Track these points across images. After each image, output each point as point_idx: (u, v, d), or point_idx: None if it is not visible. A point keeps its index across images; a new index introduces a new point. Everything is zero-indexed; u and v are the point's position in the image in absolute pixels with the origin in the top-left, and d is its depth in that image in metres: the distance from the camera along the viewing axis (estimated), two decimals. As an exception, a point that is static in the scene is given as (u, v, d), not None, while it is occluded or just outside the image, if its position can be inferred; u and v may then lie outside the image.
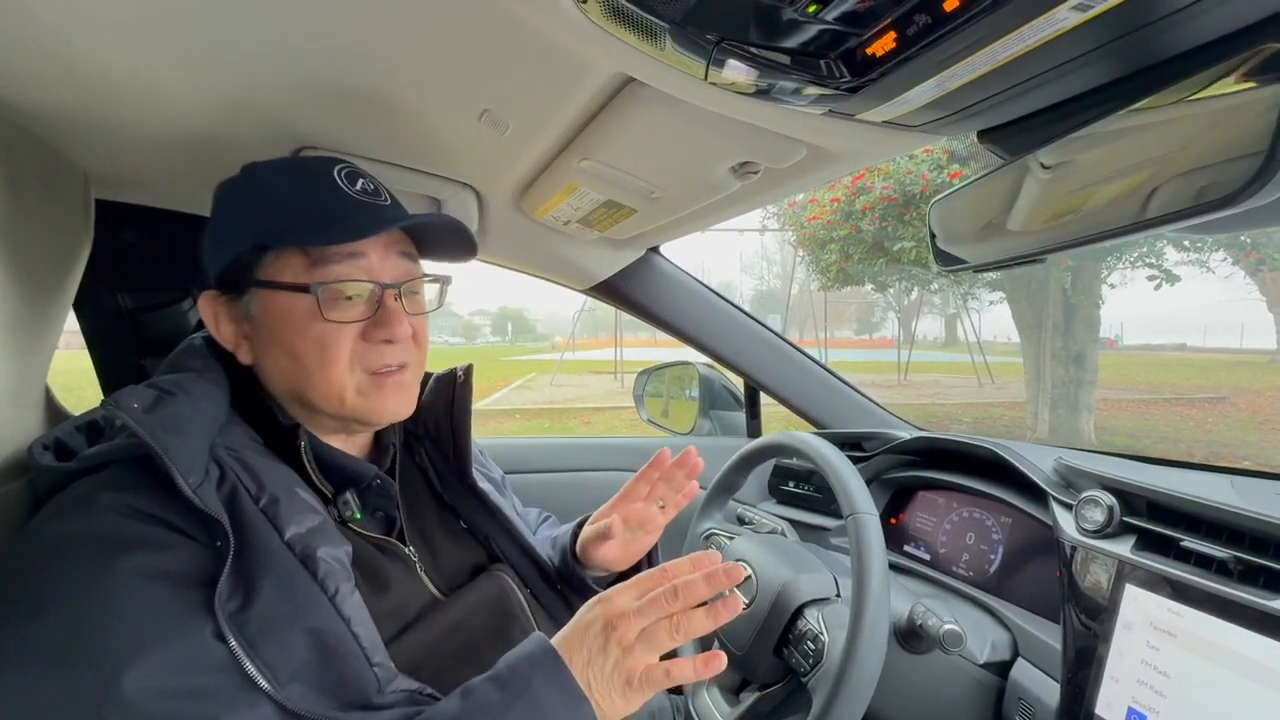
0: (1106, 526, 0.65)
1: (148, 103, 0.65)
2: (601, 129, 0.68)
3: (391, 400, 0.61)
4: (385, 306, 0.59)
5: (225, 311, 0.60)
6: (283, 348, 0.57)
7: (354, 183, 0.59)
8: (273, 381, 0.60)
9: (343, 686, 0.48)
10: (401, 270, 0.61)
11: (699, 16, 0.45)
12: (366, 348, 0.58)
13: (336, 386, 0.58)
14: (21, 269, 0.63)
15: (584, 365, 20.27)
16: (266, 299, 0.57)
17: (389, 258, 0.60)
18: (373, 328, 0.58)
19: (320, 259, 0.56)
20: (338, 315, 0.56)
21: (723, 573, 0.52)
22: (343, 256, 0.57)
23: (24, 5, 0.48)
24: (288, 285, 0.56)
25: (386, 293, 0.59)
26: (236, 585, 0.47)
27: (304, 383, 0.58)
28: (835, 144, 0.66)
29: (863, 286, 9.06)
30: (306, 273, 0.56)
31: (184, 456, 0.48)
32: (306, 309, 0.56)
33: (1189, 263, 7.02)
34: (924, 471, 0.99)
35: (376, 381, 0.59)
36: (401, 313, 0.60)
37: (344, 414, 0.60)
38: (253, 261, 0.57)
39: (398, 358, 0.60)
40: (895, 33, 0.43)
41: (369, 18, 0.53)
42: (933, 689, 0.72)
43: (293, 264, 0.56)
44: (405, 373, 0.62)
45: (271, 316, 0.57)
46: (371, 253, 0.58)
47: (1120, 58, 0.45)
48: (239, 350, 0.60)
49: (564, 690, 0.48)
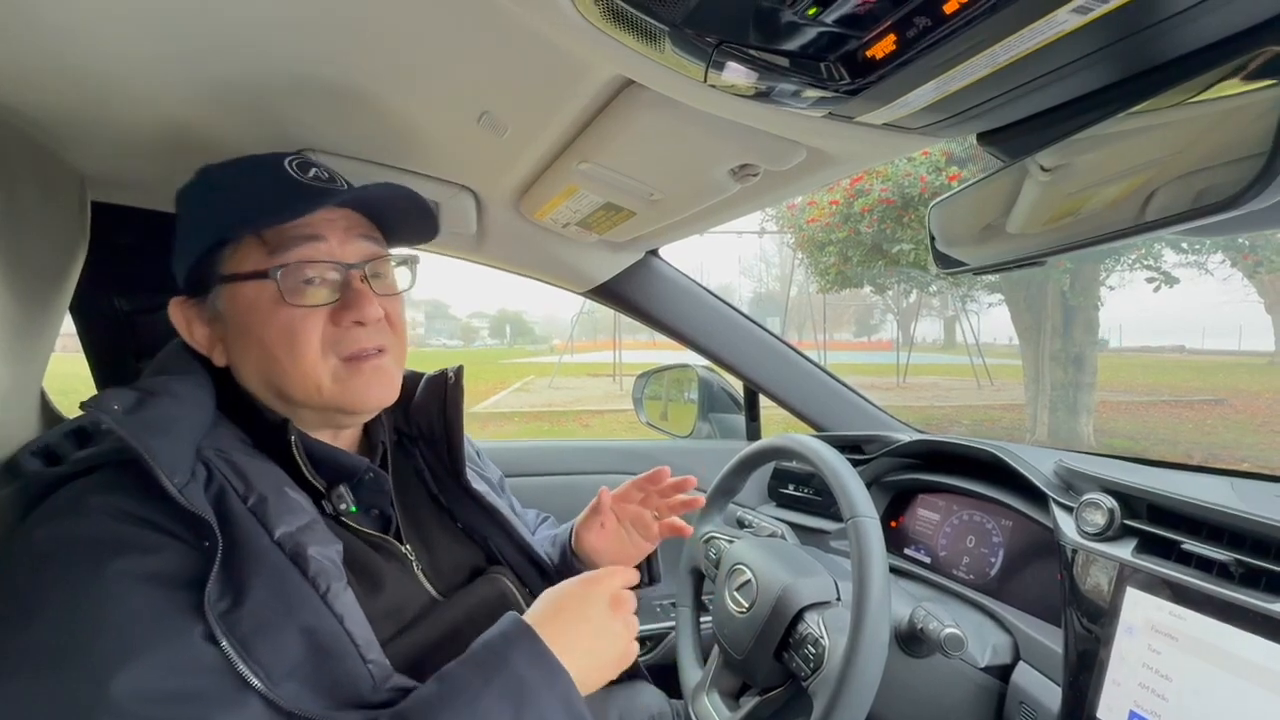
0: (1107, 529, 0.65)
1: (145, 105, 0.65)
2: (600, 131, 0.68)
3: (371, 387, 0.60)
4: (352, 288, 0.58)
5: (195, 315, 0.60)
6: (253, 340, 0.57)
7: (306, 171, 0.60)
8: (250, 378, 0.60)
9: (337, 685, 0.48)
10: (364, 251, 0.61)
11: (698, 19, 0.44)
12: (337, 332, 0.58)
13: (311, 374, 0.57)
14: (17, 272, 0.63)
15: (582, 368, 20.28)
16: (231, 293, 0.57)
17: (349, 240, 0.60)
18: (341, 310, 0.58)
19: (278, 245, 0.56)
20: (302, 300, 0.56)
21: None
22: (301, 240, 0.57)
23: (22, 7, 0.48)
24: (248, 274, 0.56)
25: (351, 273, 0.59)
26: (226, 585, 0.46)
27: (279, 375, 0.58)
28: (835, 146, 0.66)
29: (861, 289, 9.08)
30: (266, 259, 0.56)
31: (168, 457, 0.47)
32: (270, 296, 0.56)
33: (1187, 265, 7.05)
34: (924, 474, 0.99)
35: (352, 367, 0.59)
36: (369, 293, 0.59)
37: (323, 404, 0.59)
38: (215, 259, 0.58)
39: (372, 340, 0.60)
40: (895, 35, 0.43)
41: (368, 21, 0.53)
42: (934, 693, 0.72)
43: (252, 254, 0.57)
44: (383, 357, 0.61)
45: (238, 310, 0.57)
46: (330, 236, 0.58)
47: (1120, 60, 0.45)
48: (214, 352, 0.60)
49: (542, 663, 0.50)
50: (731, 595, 0.79)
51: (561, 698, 0.49)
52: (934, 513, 0.97)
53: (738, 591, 0.79)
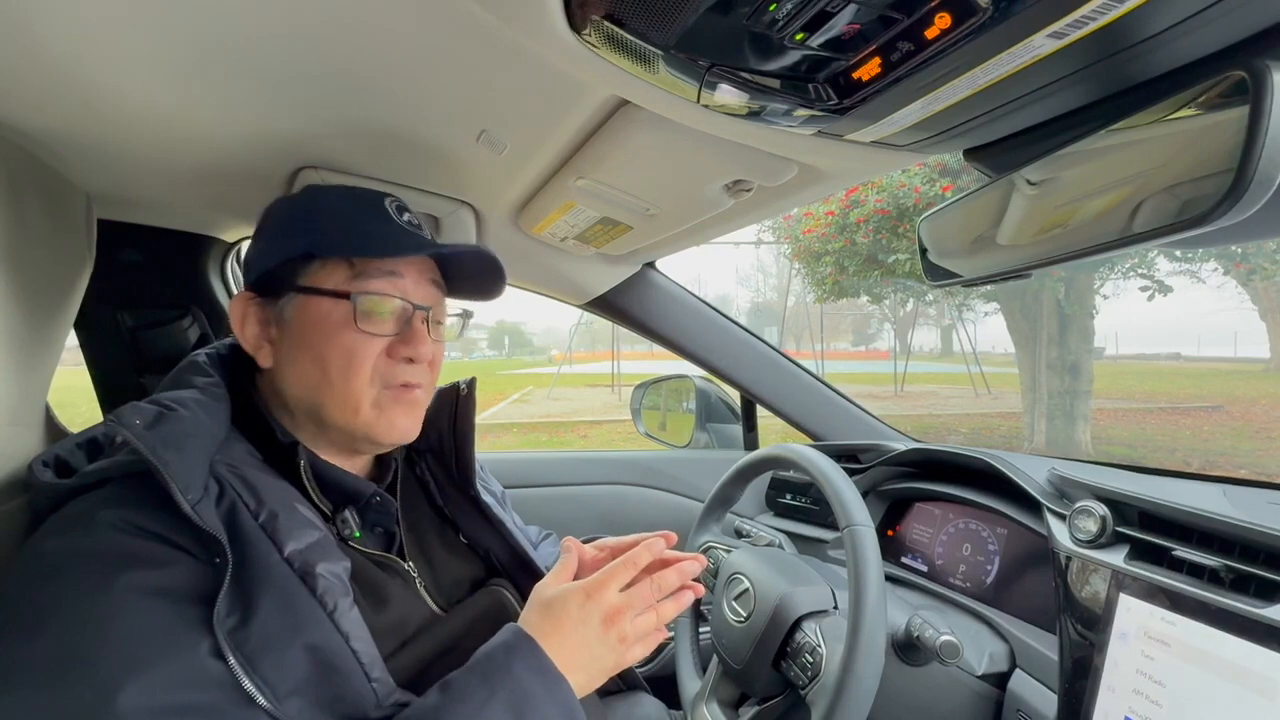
0: (1099, 536, 0.65)
1: (150, 125, 0.67)
2: (597, 149, 0.70)
3: (402, 417, 0.63)
4: (413, 327, 0.62)
5: (256, 313, 0.62)
6: (310, 353, 0.59)
7: (401, 214, 0.64)
8: (290, 388, 0.61)
9: (341, 702, 0.48)
10: (433, 297, 0.65)
11: (691, 42, 0.46)
12: (389, 364, 0.61)
13: (355, 396, 0.59)
14: (24, 288, 0.64)
15: (581, 378, 20.27)
16: (304, 304, 0.60)
17: (422, 283, 0.64)
18: (398, 344, 0.61)
19: (363, 271, 0.60)
20: (370, 327, 0.59)
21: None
22: (383, 273, 0.60)
23: (30, 31, 0.49)
24: (329, 291, 0.59)
25: (416, 313, 0.62)
26: (235, 602, 0.47)
27: (324, 391, 0.59)
28: (825, 163, 0.67)
29: (858, 298, 9.11)
30: (348, 282, 0.59)
31: (184, 473, 0.48)
32: (341, 316, 0.59)
33: (1181, 273, 7.10)
34: (920, 483, 1.00)
35: (393, 395, 0.61)
36: (425, 335, 0.62)
37: (355, 428, 0.61)
38: (297, 268, 0.60)
39: (416, 377, 0.63)
40: (880, 58, 0.45)
41: (369, 41, 0.54)
42: (931, 701, 0.72)
43: (336, 273, 0.59)
44: (418, 392, 0.64)
45: (306, 321, 0.59)
46: (408, 275, 0.62)
47: (1098, 81, 0.46)
48: (259, 353, 0.62)
49: (543, 673, 0.51)
50: (730, 605, 0.80)
51: (563, 707, 0.50)
52: (930, 521, 0.98)
53: (736, 601, 0.79)
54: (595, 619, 0.55)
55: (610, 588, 0.56)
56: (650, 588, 0.57)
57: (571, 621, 0.55)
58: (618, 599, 0.56)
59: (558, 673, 0.51)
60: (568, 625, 0.54)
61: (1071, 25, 0.38)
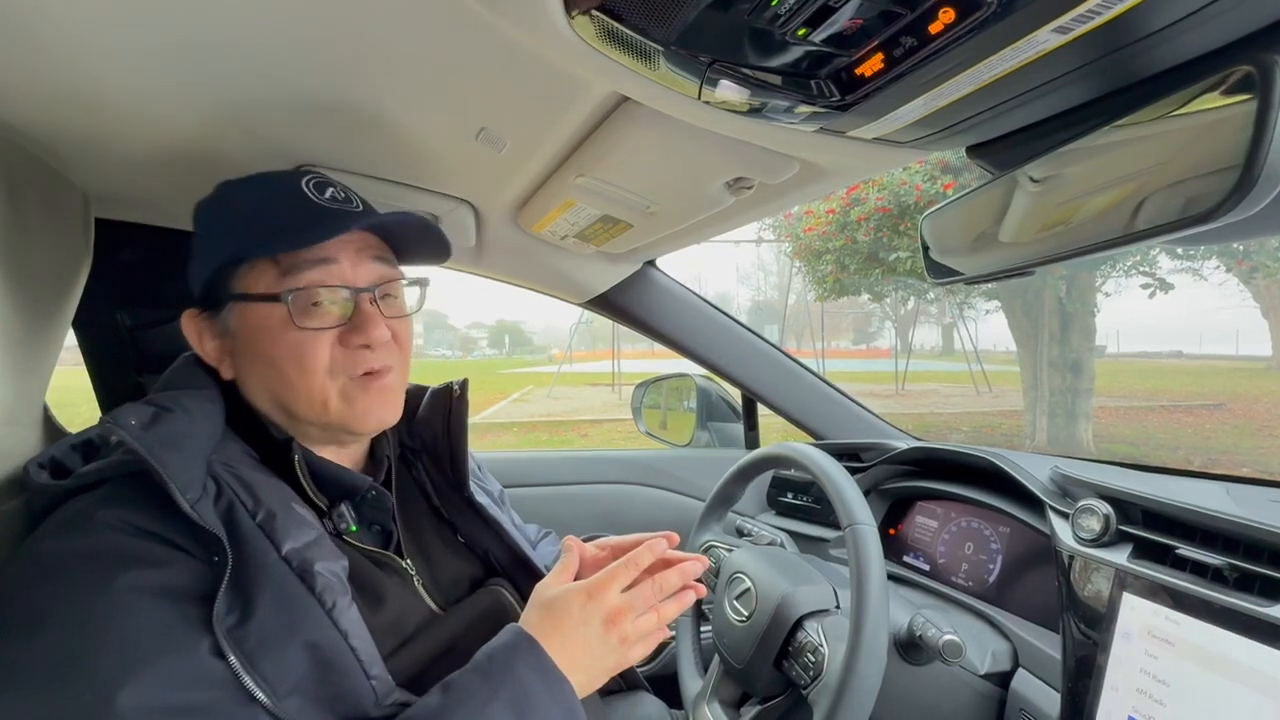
0: (1103, 535, 0.65)
1: (148, 124, 0.66)
2: (597, 146, 0.69)
3: (375, 406, 0.61)
4: (361, 311, 0.59)
5: (207, 328, 0.61)
6: (261, 359, 0.58)
7: (322, 191, 0.60)
8: (256, 394, 0.61)
9: (340, 700, 0.48)
10: (376, 274, 0.62)
11: (692, 38, 0.46)
12: (345, 354, 0.59)
13: (318, 394, 0.58)
14: (21, 288, 0.64)
15: (581, 377, 20.28)
16: (243, 312, 0.58)
17: (361, 262, 0.60)
18: (349, 333, 0.59)
19: (290, 267, 0.57)
20: (311, 322, 0.57)
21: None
22: (313, 263, 0.57)
23: (27, 29, 0.49)
24: (260, 296, 0.57)
25: (361, 297, 0.60)
26: (234, 600, 0.47)
27: (286, 393, 0.58)
28: (827, 160, 0.67)
29: (859, 297, 9.10)
30: (278, 282, 0.57)
31: (182, 473, 0.48)
32: (280, 318, 0.57)
33: (1182, 271, 7.08)
34: (922, 482, 0.99)
35: (360, 385, 0.60)
36: (378, 316, 0.60)
37: (329, 422, 0.60)
38: (229, 276, 0.59)
39: (379, 361, 0.60)
40: (882, 54, 0.44)
41: (367, 39, 0.54)
42: (933, 700, 0.72)
43: (265, 275, 0.57)
44: (388, 376, 0.62)
45: (248, 329, 0.58)
46: (343, 258, 0.59)
47: (1102, 77, 0.46)
48: (221, 366, 0.61)
49: (545, 673, 0.51)
50: (731, 604, 0.80)
51: (564, 707, 0.50)
52: (932, 520, 0.98)
53: (737, 600, 0.79)
54: (597, 620, 0.55)
55: (612, 588, 0.56)
56: (652, 589, 0.57)
57: (573, 622, 0.54)
58: (619, 600, 0.56)
59: (559, 673, 0.51)
60: (569, 626, 0.54)
61: (1077, 19, 0.37)
